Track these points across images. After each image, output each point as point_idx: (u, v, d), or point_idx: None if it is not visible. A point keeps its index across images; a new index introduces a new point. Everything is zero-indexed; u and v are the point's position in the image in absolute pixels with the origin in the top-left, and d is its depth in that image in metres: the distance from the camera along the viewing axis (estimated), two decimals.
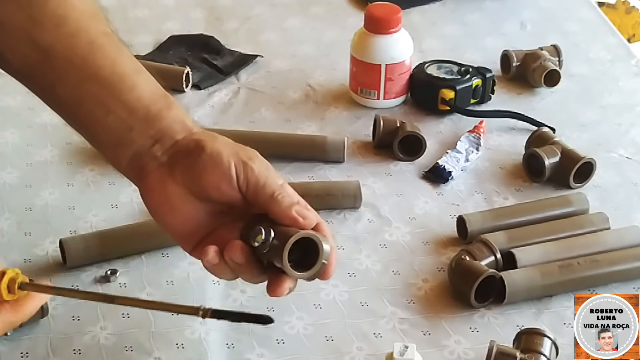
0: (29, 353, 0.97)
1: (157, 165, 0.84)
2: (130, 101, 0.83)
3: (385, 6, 1.40)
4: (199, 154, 0.82)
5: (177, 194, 0.83)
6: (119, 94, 0.83)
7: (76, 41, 0.83)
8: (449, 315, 1.03)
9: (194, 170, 0.82)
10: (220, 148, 0.82)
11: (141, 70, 0.86)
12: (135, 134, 0.83)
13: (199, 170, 0.82)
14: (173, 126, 0.84)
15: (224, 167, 0.81)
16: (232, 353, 0.98)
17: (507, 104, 1.40)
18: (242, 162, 0.82)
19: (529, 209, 1.16)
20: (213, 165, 0.82)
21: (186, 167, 0.82)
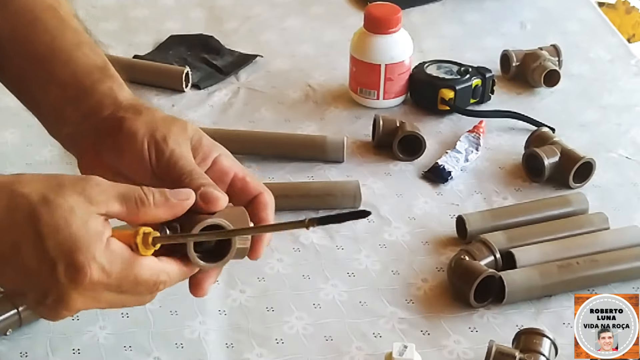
0: (29, 353, 0.97)
1: (87, 144, 0.81)
2: (64, 77, 0.82)
3: (385, 6, 1.40)
4: (116, 134, 0.78)
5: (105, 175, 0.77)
6: (54, 70, 0.82)
7: (19, 19, 0.83)
8: (449, 315, 1.03)
9: (113, 151, 0.78)
10: (137, 127, 0.78)
11: (82, 43, 0.84)
12: (68, 111, 0.81)
13: (117, 151, 0.78)
14: (103, 101, 0.81)
15: (137, 147, 0.77)
16: (232, 353, 0.98)
17: (507, 104, 1.40)
18: (154, 142, 0.77)
19: (529, 209, 1.16)
20: (128, 145, 0.78)
21: (108, 148, 0.79)
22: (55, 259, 0.67)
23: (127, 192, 0.71)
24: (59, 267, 0.67)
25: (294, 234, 1.14)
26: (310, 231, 1.15)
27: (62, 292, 0.68)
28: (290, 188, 1.20)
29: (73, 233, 0.67)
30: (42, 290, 0.69)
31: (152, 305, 1.03)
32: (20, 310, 0.98)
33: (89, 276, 0.67)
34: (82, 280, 0.67)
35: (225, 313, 1.03)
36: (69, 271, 0.67)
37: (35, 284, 0.69)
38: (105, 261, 0.68)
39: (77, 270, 0.67)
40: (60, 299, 0.69)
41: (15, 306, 0.98)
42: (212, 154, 0.80)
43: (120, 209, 0.70)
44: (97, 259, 0.68)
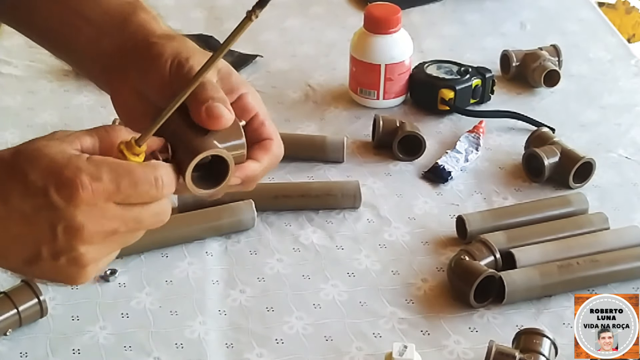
0: (29, 353, 0.97)
1: (119, 73, 0.80)
2: (95, 15, 0.82)
3: (385, 6, 1.40)
4: (144, 56, 0.78)
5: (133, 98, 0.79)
6: (84, 10, 0.82)
7: None
8: (448, 315, 1.03)
9: (139, 72, 0.78)
10: (164, 49, 0.77)
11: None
12: (103, 45, 0.81)
13: (143, 72, 0.78)
14: (137, 31, 0.80)
15: (160, 66, 0.76)
16: (231, 353, 0.98)
17: (507, 104, 1.40)
18: (177, 61, 0.76)
19: (529, 209, 1.16)
20: (153, 66, 0.77)
21: (136, 70, 0.79)
22: (44, 186, 0.66)
23: (94, 128, 0.70)
24: (51, 193, 0.65)
25: (294, 234, 1.14)
26: (310, 230, 1.15)
27: (68, 219, 0.66)
28: (290, 188, 1.20)
29: (52, 158, 0.66)
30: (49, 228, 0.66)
31: (152, 305, 1.03)
32: (20, 310, 0.98)
33: (81, 186, 0.65)
34: (77, 193, 0.65)
35: (225, 313, 1.03)
36: (60, 191, 0.66)
37: (39, 225, 0.66)
38: (92, 169, 0.66)
39: (68, 186, 0.65)
40: (69, 229, 0.66)
41: (16, 306, 0.98)
42: (240, 89, 0.79)
43: (92, 140, 0.69)
44: (83, 169, 0.66)
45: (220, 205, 1.14)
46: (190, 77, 0.73)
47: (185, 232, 1.12)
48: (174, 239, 1.12)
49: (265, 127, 0.78)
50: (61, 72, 1.45)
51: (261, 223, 1.16)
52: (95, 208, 0.66)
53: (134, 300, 1.04)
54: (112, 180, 0.67)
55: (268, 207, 1.17)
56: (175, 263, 1.10)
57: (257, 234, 1.14)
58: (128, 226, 0.69)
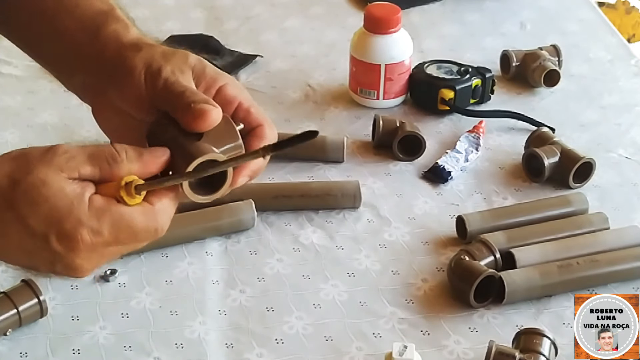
0: (29, 353, 0.97)
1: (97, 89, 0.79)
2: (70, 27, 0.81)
3: (385, 6, 1.40)
4: (118, 73, 0.77)
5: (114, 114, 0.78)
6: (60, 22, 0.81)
7: None
8: (448, 315, 1.03)
9: (116, 89, 0.77)
10: (135, 63, 0.76)
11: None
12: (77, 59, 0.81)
13: (119, 89, 0.77)
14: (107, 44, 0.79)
15: (134, 82, 0.76)
16: (231, 353, 0.98)
17: (507, 104, 1.40)
18: (150, 74, 0.75)
19: (529, 209, 1.16)
20: (128, 81, 0.76)
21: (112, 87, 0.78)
22: (45, 233, 0.67)
23: (96, 152, 0.69)
24: (51, 240, 0.67)
25: (294, 234, 1.14)
26: (310, 230, 1.15)
27: (65, 260, 0.68)
28: (290, 188, 1.20)
29: (52, 204, 0.67)
30: (48, 262, 0.69)
31: (152, 305, 1.04)
32: (20, 310, 0.98)
33: (81, 241, 0.67)
34: (77, 246, 0.67)
35: (225, 313, 1.03)
36: (61, 241, 0.67)
37: (40, 258, 0.69)
38: (93, 222, 0.67)
39: (68, 239, 0.67)
40: (67, 267, 0.69)
41: (16, 306, 0.98)
42: (217, 82, 0.78)
43: (93, 170, 0.69)
44: (84, 222, 0.67)
45: (220, 205, 1.14)
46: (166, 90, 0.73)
47: (185, 232, 1.12)
48: (174, 239, 1.12)
49: (252, 114, 0.77)
50: None
51: (261, 223, 1.16)
52: (93, 254, 0.69)
53: (134, 300, 1.04)
54: (112, 234, 0.68)
55: (268, 207, 1.17)
56: (175, 263, 1.10)
57: (257, 234, 1.14)
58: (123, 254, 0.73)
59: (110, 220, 0.68)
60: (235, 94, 0.77)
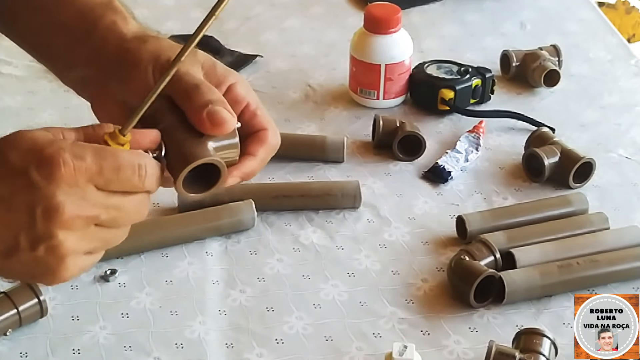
0: (29, 353, 0.97)
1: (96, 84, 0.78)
2: (68, 19, 0.80)
3: (385, 6, 1.40)
4: (121, 66, 0.76)
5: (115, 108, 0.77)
6: (58, 14, 0.81)
7: None
8: (448, 315, 1.03)
9: (120, 83, 0.76)
10: (141, 55, 0.75)
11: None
12: (76, 53, 0.80)
13: (123, 83, 0.76)
14: (107, 37, 0.78)
15: (141, 74, 0.74)
16: (231, 353, 0.98)
17: (507, 104, 1.40)
18: (160, 66, 0.74)
19: (529, 209, 1.16)
20: (134, 74, 0.75)
21: (115, 81, 0.77)
22: (24, 166, 0.64)
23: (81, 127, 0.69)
24: (30, 171, 0.64)
25: (294, 234, 1.14)
26: (310, 230, 1.15)
27: (47, 198, 0.64)
28: (290, 188, 1.20)
29: (34, 139, 0.65)
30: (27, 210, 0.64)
31: (152, 305, 1.03)
32: (20, 310, 0.98)
33: (62, 163, 0.63)
34: (58, 170, 0.63)
35: (225, 313, 1.03)
36: (41, 168, 0.64)
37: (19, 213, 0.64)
38: (75, 148, 0.65)
39: (48, 163, 0.63)
40: (47, 210, 0.64)
41: (16, 306, 0.98)
42: (227, 80, 0.76)
43: (77, 134, 0.68)
44: (66, 148, 0.64)
45: (220, 205, 1.14)
46: (179, 80, 0.71)
47: (185, 232, 1.12)
48: (174, 239, 1.12)
49: (257, 117, 0.76)
50: None
51: (261, 223, 1.16)
52: (75, 188, 0.64)
53: (134, 300, 1.04)
54: (95, 161, 0.65)
55: (268, 207, 1.17)
56: (175, 263, 1.10)
57: (257, 234, 1.14)
58: (108, 214, 0.67)
59: (93, 149, 0.65)
60: (244, 94, 0.76)
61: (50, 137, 0.66)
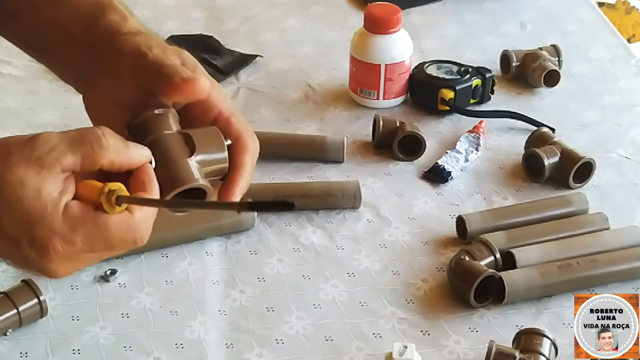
0: (29, 353, 0.97)
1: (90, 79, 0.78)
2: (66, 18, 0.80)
3: (385, 6, 1.40)
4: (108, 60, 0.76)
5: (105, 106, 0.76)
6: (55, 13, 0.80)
7: None
8: (449, 315, 1.03)
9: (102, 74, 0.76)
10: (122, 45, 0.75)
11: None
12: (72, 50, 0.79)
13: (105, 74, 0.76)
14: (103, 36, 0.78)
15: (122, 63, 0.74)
16: (231, 353, 0.98)
17: (507, 104, 1.40)
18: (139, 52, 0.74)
19: (529, 209, 1.16)
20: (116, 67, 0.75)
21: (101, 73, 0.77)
22: (17, 237, 0.65)
23: (79, 137, 0.68)
24: (23, 245, 0.65)
25: (294, 235, 1.14)
26: (310, 230, 1.15)
27: (39, 266, 0.67)
28: (290, 188, 1.20)
29: (26, 208, 0.65)
30: (23, 264, 0.68)
31: (152, 305, 1.03)
32: (20, 310, 0.98)
33: (53, 250, 0.65)
34: (49, 254, 0.65)
35: (225, 313, 1.03)
36: (33, 248, 0.65)
37: (14, 258, 0.68)
38: (66, 230, 0.65)
39: (39, 247, 0.65)
40: (41, 270, 0.67)
41: (16, 306, 0.98)
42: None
43: (75, 159, 0.67)
44: (56, 230, 0.65)
45: None
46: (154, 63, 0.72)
47: (185, 232, 1.12)
48: (174, 239, 1.12)
49: (231, 124, 0.76)
50: None
51: (261, 223, 1.16)
52: (67, 261, 0.67)
53: (134, 300, 1.04)
54: (86, 244, 0.66)
55: None
56: (175, 263, 1.10)
57: (257, 234, 1.14)
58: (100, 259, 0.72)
59: (84, 230, 0.66)
60: (216, 101, 0.76)
61: (42, 206, 0.65)
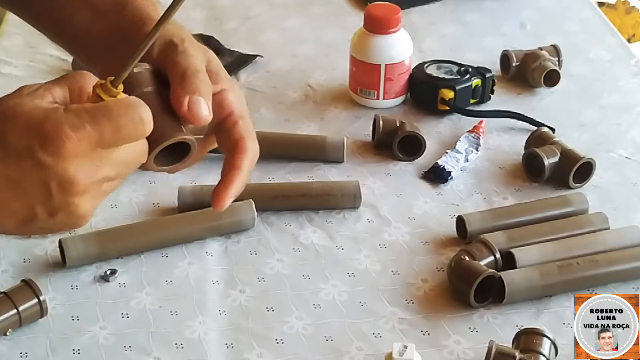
0: (29, 353, 0.97)
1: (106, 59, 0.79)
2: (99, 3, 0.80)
3: (385, 6, 1.40)
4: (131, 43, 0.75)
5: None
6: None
7: None
8: (448, 315, 1.03)
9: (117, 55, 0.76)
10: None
11: None
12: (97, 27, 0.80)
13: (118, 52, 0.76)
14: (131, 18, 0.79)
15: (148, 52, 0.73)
16: (231, 353, 0.98)
17: (507, 104, 1.40)
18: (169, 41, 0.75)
19: (529, 209, 1.16)
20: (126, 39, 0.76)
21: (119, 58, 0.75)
22: (28, 146, 0.64)
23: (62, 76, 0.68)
24: (36, 151, 0.64)
25: (294, 234, 1.14)
26: (310, 230, 1.15)
27: (57, 173, 0.64)
28: (290, 188, 1.20)
29: (28, 115, 0.64)
30: (41, 187, 0.65)
31: (152, 305, 1.03)
32: (20, 310, 0.98)
33: (66, 139, 0.64)
34: (63, 145, 0.64)
35: (225, 313, 1.03)
36: (46, 147, 0.64)
37: (30, 186, 0.65)
38: (73, 118, 0.64)
39: (52, 140, 0.64)
40: (62, 184, 0.65)
41: (16, 306, 0.98)
42: (222, 84, 0.77)
43: (63, 91, 0.67)
44: (63, 120, 0.64)
45: None
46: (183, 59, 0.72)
47: (185, 232, 1.12)
48: (174, 239, 1.12)
49: (238, 126, 0.76)
50: (61, 72, 1.45)
51: (261, 223, 1.16)
52: (84, 158, 0.65)
53: (134, 300, 1.04)
54: (95, 127, 0.65)
55: (268, 207, 1.17)
56: (175, 263, 1.10)
57: (257, 234, 1.14)
58: (117, 170, 0.68)
59: (89, 114, 0.65)
60: (232, 101, 0.77)
61: (42, 108, 0.65)
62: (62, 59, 1.48)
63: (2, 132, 0.64)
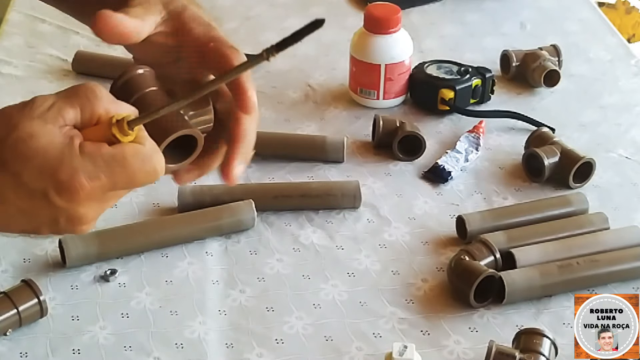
0: (29, 353, 0.97)
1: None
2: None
3: (385, 6, 1.40)
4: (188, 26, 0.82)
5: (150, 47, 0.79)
6: None
7: None
8: (448, 315, 1.03)
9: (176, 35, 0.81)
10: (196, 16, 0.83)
11: None
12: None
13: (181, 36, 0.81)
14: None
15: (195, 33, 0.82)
16: (231, 353, 0.98)
17: (507, 104, 1.40)
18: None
19: (529, 209, 1.16)
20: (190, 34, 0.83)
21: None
22: (42, 188, 0.65)
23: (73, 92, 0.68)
24: (50, 194, 0.65)
25: (294, 234, 1.14)
26: (310, 230, 1.15)
27: (68, 212, 0.67)
28: (290, 188, 1.20)
29: (43, 156, 0.65)
30: (51, 220, 0.67)
31: (152, 305, 1.04)
32: (20, 310, 0.98)
33: (80, 189, 0.65)
34: (77, 195, 0.65)
35: (225, 313, 1.03)
36: (60, 193, 0.65)
37: (41, 217, 0.67)
38: (88, 166, 0.66)
39: (67, 189, 0.65)
40: (71, 219, 0.67)
41: (16, 306, 0.98)
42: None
43: (75, 112, 0.67)
44: (79, 169, 0.65)
45: (220, 205, 1.14)
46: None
47: (185, 232, 1.12)
48: (174, 239, 1.12)
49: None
50: (61, 72, 1.45)
51: (261, 223, 1.16)
52: (95, 201, 0.67)
53: (134, 300, 1.04)
54: (109, 177, 0.66)
55: (268, 207, 1.17)
56: (175, 263, 1.10)
57: (257, 234, 1.14)
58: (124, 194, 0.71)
59: (106, 163, 0.66)
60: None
61: (58, 149, 0.66)
62: (62, 59, 1.48)
63: (16, 169, 0.65)
